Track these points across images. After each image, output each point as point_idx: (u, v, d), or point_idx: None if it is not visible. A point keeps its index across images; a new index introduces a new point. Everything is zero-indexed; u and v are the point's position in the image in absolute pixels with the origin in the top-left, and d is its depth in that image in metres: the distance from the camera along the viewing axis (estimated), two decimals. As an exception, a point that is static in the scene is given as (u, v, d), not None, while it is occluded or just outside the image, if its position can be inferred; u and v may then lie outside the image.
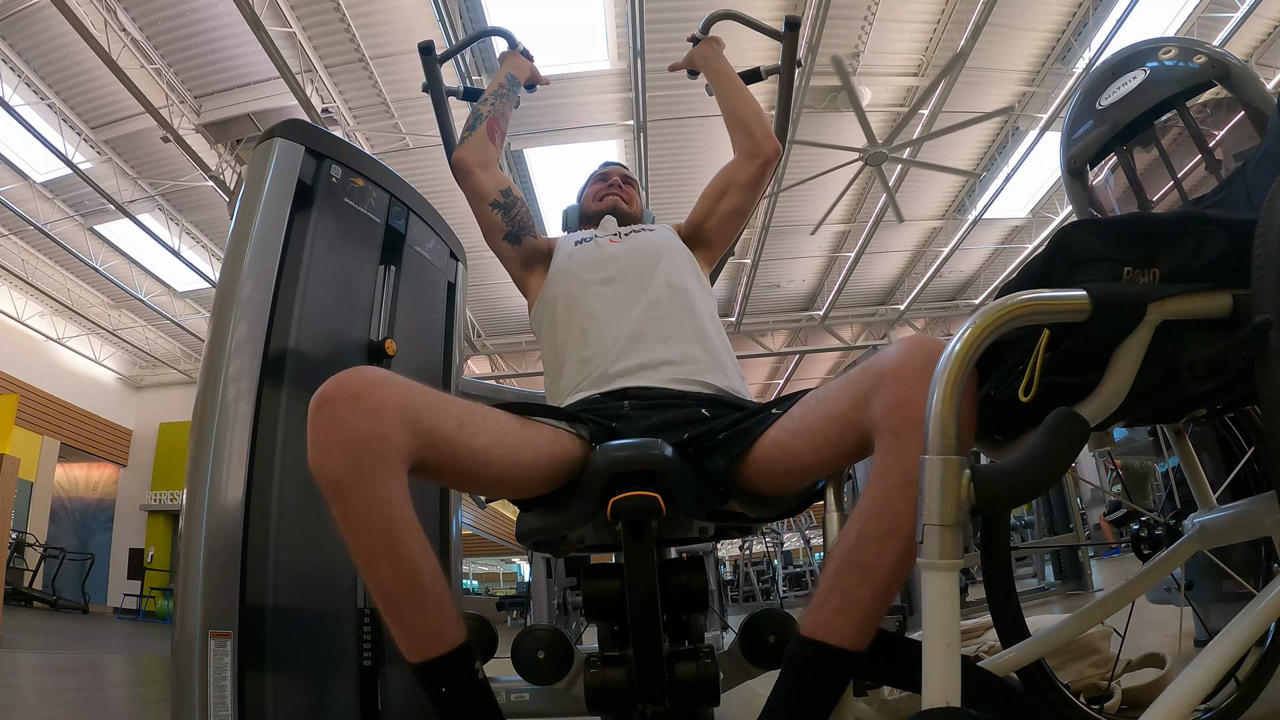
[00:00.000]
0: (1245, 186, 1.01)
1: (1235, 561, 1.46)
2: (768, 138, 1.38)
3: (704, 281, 1.32)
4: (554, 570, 4.17)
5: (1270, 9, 5.93)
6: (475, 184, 1.33)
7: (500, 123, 1.41)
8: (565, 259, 1.32)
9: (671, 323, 1.17)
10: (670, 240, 1.35)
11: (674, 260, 1.28)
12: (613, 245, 1.32)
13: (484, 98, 1.43)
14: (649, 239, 1.33)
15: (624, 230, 1.38)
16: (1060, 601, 4.22)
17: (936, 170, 6.62)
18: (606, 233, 1.38)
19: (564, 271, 1.30)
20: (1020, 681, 1.12)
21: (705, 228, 1.41)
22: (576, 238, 1.38)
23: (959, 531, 0.60)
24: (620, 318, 1.17)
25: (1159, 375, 0.70)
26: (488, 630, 0.99)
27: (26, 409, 9.24)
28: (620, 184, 1.51)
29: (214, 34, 5.66)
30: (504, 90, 1.45)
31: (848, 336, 11.05)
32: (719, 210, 1.40)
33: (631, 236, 1.35)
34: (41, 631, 6.31)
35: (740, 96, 1.45)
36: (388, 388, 0.77)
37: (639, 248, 1.30)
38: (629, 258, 1.28)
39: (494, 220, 1.33)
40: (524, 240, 1.35)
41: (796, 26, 1.46)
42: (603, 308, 1.20)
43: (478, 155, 1.34)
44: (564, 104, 6.43)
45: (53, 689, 2.99)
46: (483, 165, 1.34)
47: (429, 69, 1.56)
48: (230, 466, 1.11)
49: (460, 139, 1.37)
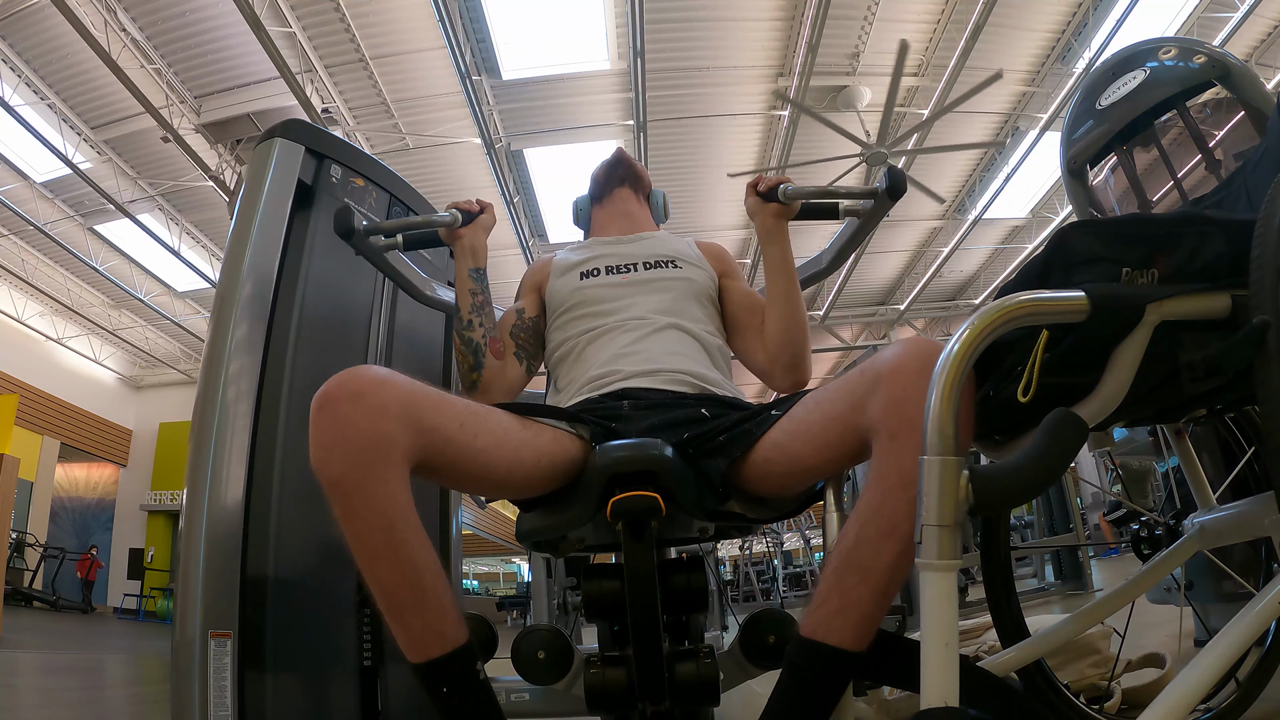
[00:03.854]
0: (1245, 186, 1.01)
1: (1235, 561, 1.46)
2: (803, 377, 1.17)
3: (715, 320, 1.24)
4: (554, 570, 4.16)
5: (1270, 9, 5.94)
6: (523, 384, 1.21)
7: (498, 334, 1.18)
8: (568, 295, 1.22)
9: (676, 344, 1.15)
10: (694, 286, 1.23)
11: (687, 306, 1.20)
12: (625, 286, 1.21)
13: (466, 321, 1.14)
14: (667, 285, 1.22)
15: (640, 261, 1.25)
16: (1060, 601, 4.22)
17: (938, 151, 6.59)
18: (619, 261, 1.25)
19: (572, 313, 1.21)
20: (1020, 681, 1.12)
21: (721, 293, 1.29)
22: (581, 265, 1.25)
23: (957, 532, 0.60)
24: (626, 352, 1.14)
25: (1158, 376, 0.71)
26: (488, 630, 0.99)
27: (26, 409, 9.24)
28: (629, 162, 1.46)
29: (214, 34, 5.66)
30: (479, 295, 1.16)
31: (848, 336, 11.05)
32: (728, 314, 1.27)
33: (648, 276, 1.23)
34: (41, 631, 6.31)
35: (795, 319, 1.17)
36: (390, 387, 0.77)
37: (654, 301, 1.19)
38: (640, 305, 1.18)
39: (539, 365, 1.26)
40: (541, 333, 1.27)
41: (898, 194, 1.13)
42: (611, 345, 1.16)
43: (506, 388, 1.16)
44: (564, 104, 6.44)
45: (53, 689, 3.00)
46: (512, 392, 1.18)
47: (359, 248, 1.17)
48: (230, 466, 1.11)
49: (470, 383, 1.14)
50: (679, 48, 5.99)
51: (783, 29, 5.94)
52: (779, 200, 1.17)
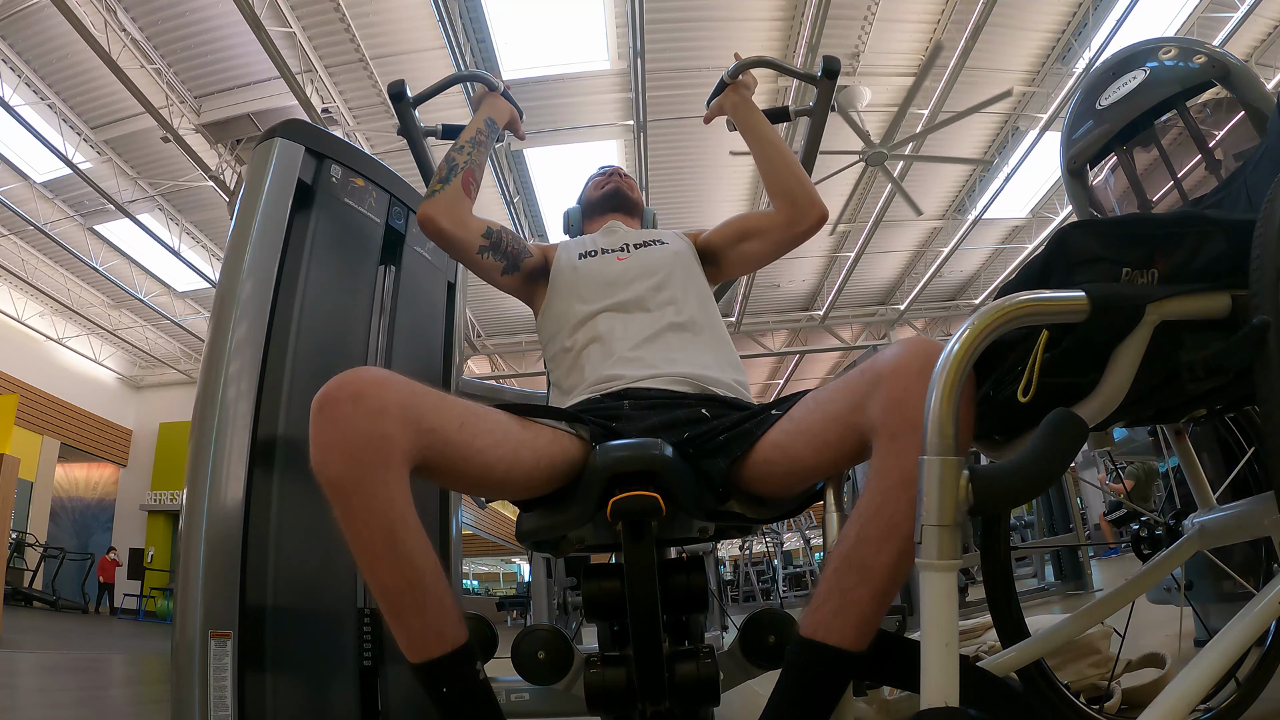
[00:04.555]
0: (1245, 186, 1.01)
1: (1235, 561, 1.46)
2: (812, 205, 1.25)
3: (710, 301, 1.28)
4: (554, 570, 4.16)
5: (1270, 9, 5.94)
6: (454, 241, 1.22)
7: (476, 174, 1.27)
8: (570, 272, 1.28)
9: (677, 346, 1.16)
10: (680, 256, 1.29)
11: (683, 282, 1.24)
12: (620, 263, 1.27)
13: (460, 145, 1.28)
14: (657, 256, 1.28)
15: (632, 242, 1.32)
16: (1060, 601, 4.22)
17: (938, 161, 6.61)
18: (613, 244, 1.32)
19: (569, 288, 1.26)
20: (1020, 681, 1.12)
21: (720, 255, 1.35)
22: (580, 248, 1.33)
23: (957, 532, 0.60)
24: (625, 341, 1.16)
25: (1158, 376, 0.70)
26: (488, 630, 0.99)
27: (26, 409, 9.25)
28: (620, 175, 1.50)
29: (214, 34, 5.66)
30: (482, 137, 1.31)
31: (848, 336, 11.05)
32: (739, 249, 1.32)
33: (639, 253, 1.29)
34: (41, 631, 6.31)
35: (781, 159, 1.29)
36: (390, 388, 0.77)
37: (646, 267, 1.25)
38: (636, 281, 1.23)
39: (488, 264, 1.26)
40: (521, 265, 1.30)
41: (835, 73, 1.30)
42: (608, 331, 1.18)
43: (451, 213, 1.21)
44: (564, 104, 6.43)
45: (53, 689, 3.00)
46: (457, 223, 1.21)
47: (402, 114, 1.40)
48: (230, 466, 1.11)
49: (430, 191, 1.23)
50: (679, 48, 5.99)
51: (783, 29, 5.94)
52: (726, 82, 1.37)
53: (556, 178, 7.32)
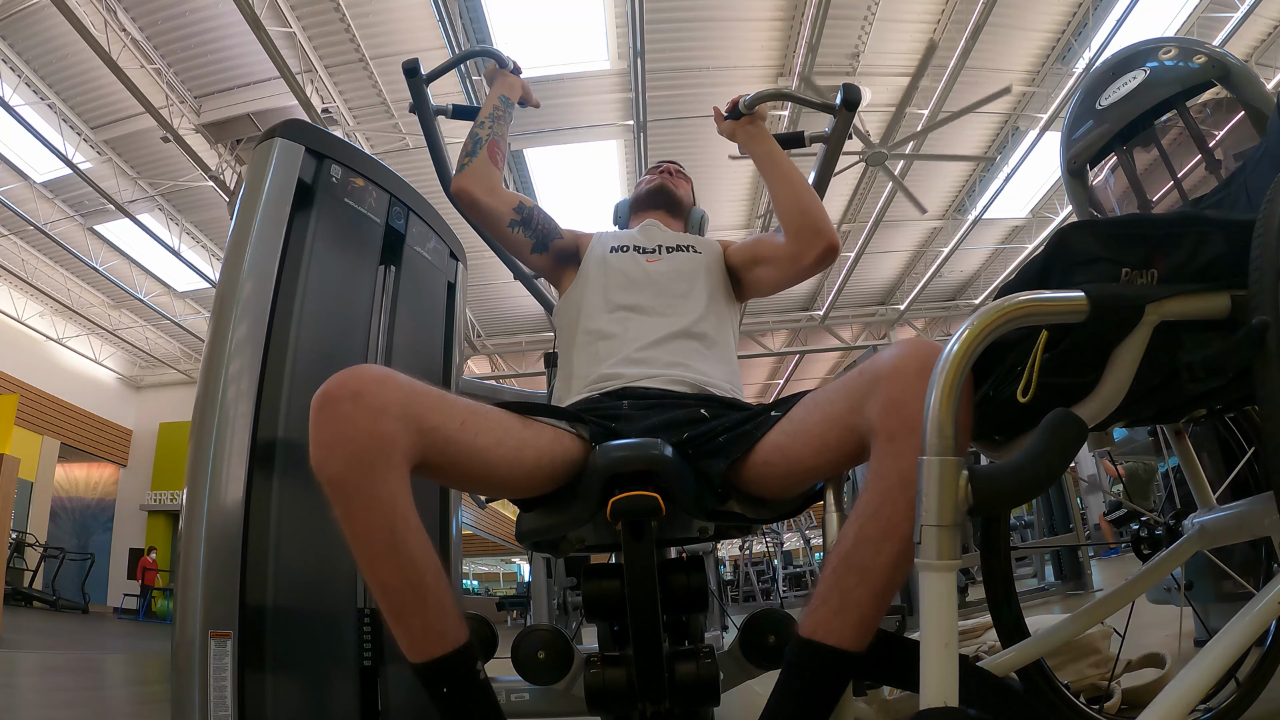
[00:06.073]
0: (1245, 187, 1.01)
1: (1235, 561, 1.46)
2: (818, 236, 1.19)
3: (727, 319, 1.28)
4: (554, 570, 4.16)
5: (1270, 9, 5.94)
6: (486, 211, 1.25)
7: (500, 145, 1.32)
8: (599, 264, 1.28)
9: (684, 353, 1.16)
10: (711, 267, 1.29)
11: (706, 294, 1.24)
12: (650, 265, 1.28)
13: (480, 120, 1.34)
14: (688, 264, 1.28)
15: (666, 245, 1.32)
16: (1060, 601, 4.22)
17: (938, 160, 6.62)
18: (647, 244, 1.32)
19: (594, 280, 1.26)
20: (1020, 681, 1.12)
21: (738, 275, 1.33)
22: (615, 241, 1.33)
23: (957, 532, 0.60)
24: (633, 341, 1.16)
25: (1158, 376, 0.71)
26: (488, 630, 0.99)
27: (26, 409, 9.25)
28: (672, 172, 1.52)
29: (214, 34, 5.66)
30: (499, 111, 1.36)
31: (848, 336, 11.05)
32: (754, 273, 1.31)
33: (670, 257, 1.30)
34: (41, 631, 6.31)
35: (789, 191, 1.23)
36: (390, 386, 0.77)
37: (674, 273, 1.26)
38: (661, 285, 1.24)
39: (518, 239, 1.28)
40: (551, 245, 1.31)
41: (855, 104, 1.27)
42: (621, 329, 1.18)
43: (483, 182, 1.26)
44: (564, 104, 6.43)
45: (53, 689, 3.00)
46: (489, 191, 1.26)
47: (415, 90, 1.45)
48: (230, 466, 1.11)
49: (460, 165, 1.28)
50: (679, 48, 5.99)
51: (783, 29, 5.94)
52: (742, 112, 1.35)
53: (556, 178, 7.32)
